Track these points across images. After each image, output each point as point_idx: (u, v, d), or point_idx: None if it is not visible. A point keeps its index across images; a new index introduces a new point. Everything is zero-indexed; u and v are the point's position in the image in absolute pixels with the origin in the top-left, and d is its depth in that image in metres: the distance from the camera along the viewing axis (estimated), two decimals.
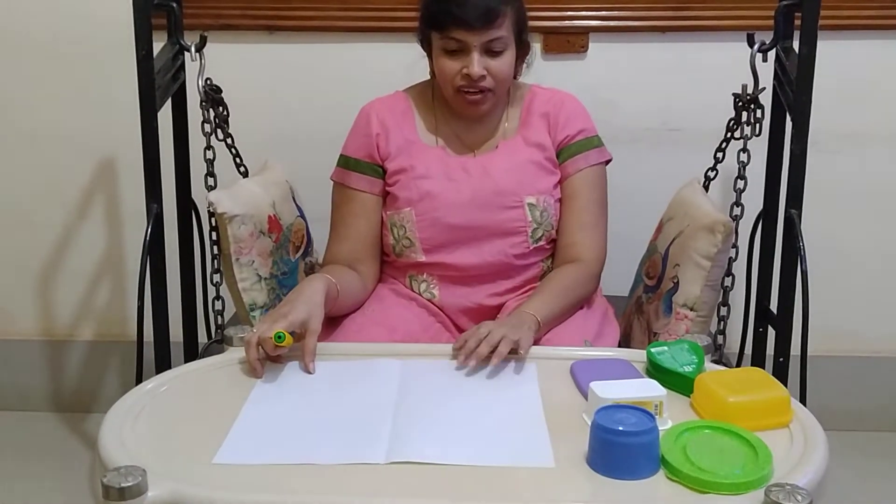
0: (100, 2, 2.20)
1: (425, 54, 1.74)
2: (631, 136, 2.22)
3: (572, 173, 1.73)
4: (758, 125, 1.79)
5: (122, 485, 1.04)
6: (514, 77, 1.74)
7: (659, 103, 2.24)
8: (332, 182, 1.78)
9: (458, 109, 1.71)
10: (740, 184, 1.76)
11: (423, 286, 1.74)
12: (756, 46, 1.79)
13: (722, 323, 1.77)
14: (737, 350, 2.07)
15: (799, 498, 1.02)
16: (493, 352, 1.41)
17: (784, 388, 1.30)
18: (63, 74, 2.29)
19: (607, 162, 1.77)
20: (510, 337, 1.43)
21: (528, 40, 1.73)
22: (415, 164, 1.71)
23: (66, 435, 2.39)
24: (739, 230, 1.77)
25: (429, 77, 1.77)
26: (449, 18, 1.61)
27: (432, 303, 1.73)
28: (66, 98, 2.30)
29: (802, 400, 1.69)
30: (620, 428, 1.11)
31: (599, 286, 1.79)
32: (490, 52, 1.63)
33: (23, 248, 2.41)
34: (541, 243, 1.72)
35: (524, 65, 1.76)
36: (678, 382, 1.34)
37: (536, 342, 1.52)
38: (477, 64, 1.62)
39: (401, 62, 1.79)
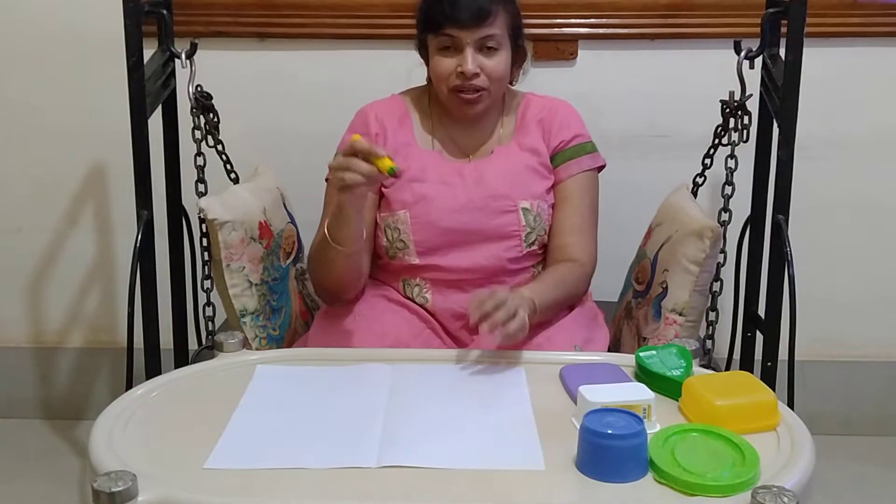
0: (90, 8, 2.20)
1: (421, 61, 1.76)
2: (620, 143, 2.23)
3: (565, 178, 1.75)
4: (745, 131, 1.80)
5: (113, 489, 1.05)
6: (511, 83, 1.76)
7: (647, 110, 2.25)
8: (325, 183, 1.76)
9: (453, 110, 1.72)
10: (728, 190, 1.78)
11: (416, 290, 1.74)
12: (743, 53, 1.80)
13: (710, 327, 1.78)
14: (725, 354, 2.08)
15: (785, 500, 1.03)
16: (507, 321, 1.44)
17: (771, 391, 1.31)
18: (53, 80, 2.28)
19: (600, 168, 1.79)
20: (522, 311, 1.45)
21: (525, 46, 1.75)
22: (410, 167, 1.71)
23: (56, 442, 2.38)
24: (727, 235, 1.78)
25: (425, 83, 1.78)
26: (442, 17, 1.64)
27: (424, 308, 1.74)
28: (56, 104, 2.30)
29: (790, 404, 1.70)
30: (609, 431, 1.12)
31: (590, 291, 1.80)
32: (484, 49, 1.65)
33: (12, 255, 2.41)
34: (534, 248, 1.73)
35: (521, 71, 1.78)
36: (666, 386, 1.35)
37: (525, 344, 1.53)
38: (471, 61, 1.64)
39: (392, 69, 1.80)
